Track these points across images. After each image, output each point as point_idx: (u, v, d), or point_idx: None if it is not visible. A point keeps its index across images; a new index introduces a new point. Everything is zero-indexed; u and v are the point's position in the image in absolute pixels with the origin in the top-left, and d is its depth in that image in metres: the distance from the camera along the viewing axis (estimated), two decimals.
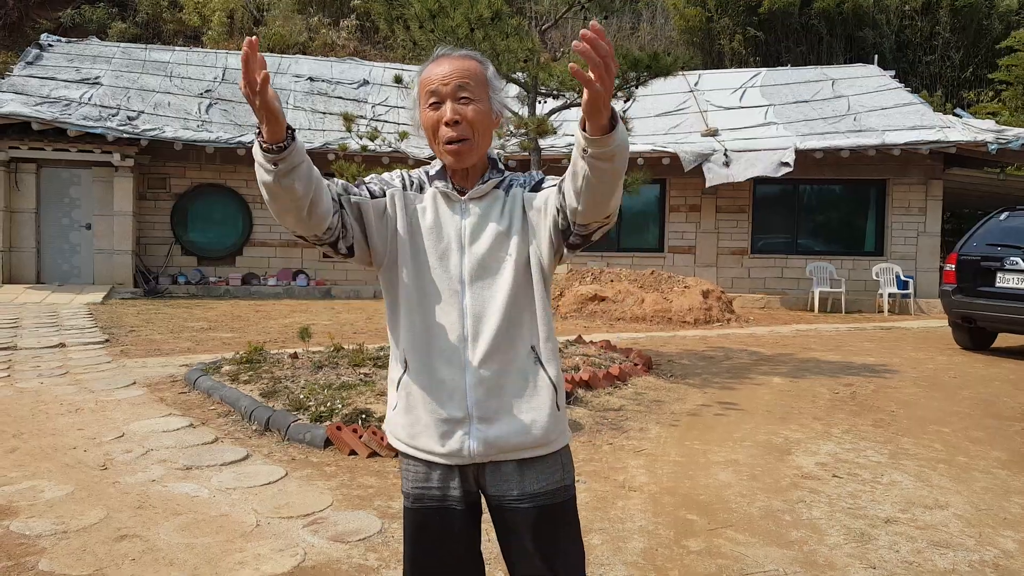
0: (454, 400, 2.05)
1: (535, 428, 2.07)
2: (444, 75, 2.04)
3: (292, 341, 9.64)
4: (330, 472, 4.88)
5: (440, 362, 2.06)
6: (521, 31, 8.05)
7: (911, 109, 18.04)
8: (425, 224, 2.10)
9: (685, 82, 20.22)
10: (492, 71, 2.13)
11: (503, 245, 2.08)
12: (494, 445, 2.05)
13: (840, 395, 7.67)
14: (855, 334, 12.89)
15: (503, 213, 2.10)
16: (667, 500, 4.51)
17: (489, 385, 2.05)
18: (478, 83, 2.06)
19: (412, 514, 2.14)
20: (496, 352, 2.06)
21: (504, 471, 2.08)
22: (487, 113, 2.07)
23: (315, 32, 29.17)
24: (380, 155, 14.83)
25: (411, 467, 2.14)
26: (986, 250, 10.65)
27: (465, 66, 2.06)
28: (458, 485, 2.09)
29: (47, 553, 3.59)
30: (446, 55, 2.09)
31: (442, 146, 2.06)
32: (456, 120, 2.02)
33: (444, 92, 2.04)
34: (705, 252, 17.93)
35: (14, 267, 16.00)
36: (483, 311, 2.07)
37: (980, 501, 4.62)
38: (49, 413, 6.24)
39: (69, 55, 19.30)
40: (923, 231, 17.36)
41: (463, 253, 2.08)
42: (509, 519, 2.09)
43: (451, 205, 2.11)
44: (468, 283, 2.07)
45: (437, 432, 2.06)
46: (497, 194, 2.13)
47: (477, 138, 2.05)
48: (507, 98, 2.17)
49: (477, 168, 2.13)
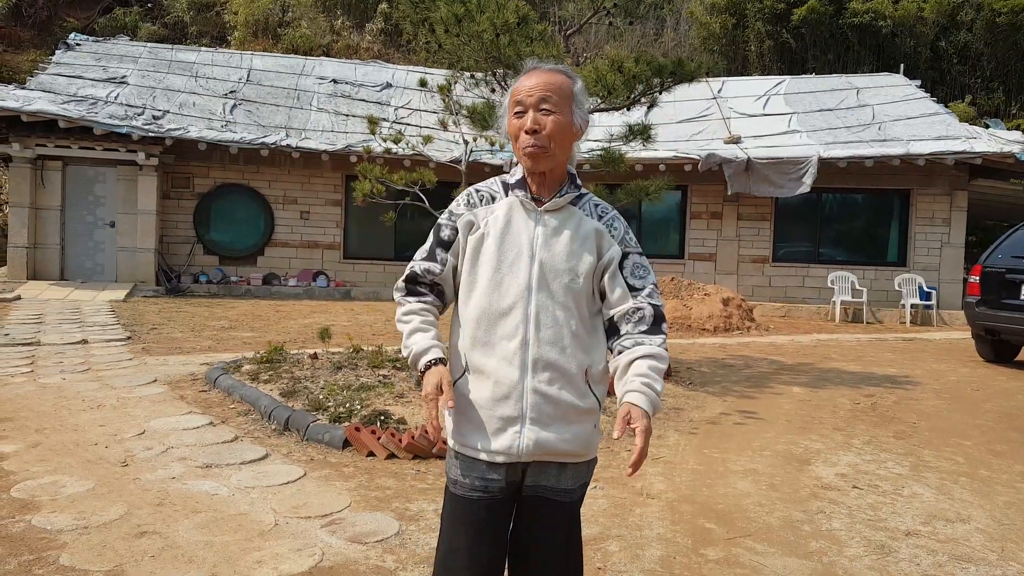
0: (511, 400, 2.15)
1: (580, 440, 2.21)
2: (530, 87, 2.17)
3: (312, 341, 9.68)
4: (348, 473, 4.90)
5: (501, 363, 2.16)
6: (546, 36, 8.05)
7: (936, 119, 17.88)
8: (496, 230, 2.20)
9: (708, 89, 20.15)
10: (580, 86, 2.24)
11: (572, 259, 2.19)
12: (543, 447, 2.16)
13: (861, 406, 7.61)
14: (876, 344, 12.79)
15: (577, 231, 2.22)
16: (685, 508, 4.49)
17: (545, 391, 2.15)
18: (562, 97, 2.17)
19: (454, 500, 2.25)
20: (555, 360, 2.16)
21: (547, 468, 2.22)
22: (567, 125, 2.18)
23: (339, 34, 29.29)
24: (402, 158, 14.86)
25: (459, 460, 2.25)
26: (1011, 262, 10.53)
27: (551, 80, 2.18)
28: (503, 477, 2.20)
29: (68, 548, 3.61)
30: (537, 68, 2.22)
31: (521, 150, 2.18)
32: (535, 129, 2.15)
33: (528, 103, 2.16)
34: (726, 260, 17.85)
35: (39, 263, 16.15)
36: (546, 319, 2.16)
37: (1003, 515, 4.57)
38: (71, 409, 6.29)
39: (96, 54, 19.47)
40: (947, 242, 17.20)
41: (533, 260, 2.18)
42: (543, 508, 2.24)
43: (527, 213, 2.22)
44: (535, 290, 2.17)
45: (491, 429, 2.17)
46: (572, 210, 2.25)
47: (554, 147, 2.17)
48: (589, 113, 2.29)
49: (554, 178, 2.24)
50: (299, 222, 18.00)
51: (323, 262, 18.04)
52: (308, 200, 18.00)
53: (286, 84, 19.81)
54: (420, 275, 2.28)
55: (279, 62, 21.16)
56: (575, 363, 2.17)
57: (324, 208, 18.06)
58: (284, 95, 19.35)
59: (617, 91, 8.03)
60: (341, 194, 17.93)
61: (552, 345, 2.15)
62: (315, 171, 17.80)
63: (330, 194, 18.05)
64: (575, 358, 2.18)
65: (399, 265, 16.78)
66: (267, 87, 19.53)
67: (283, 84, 19.79)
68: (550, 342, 2.15)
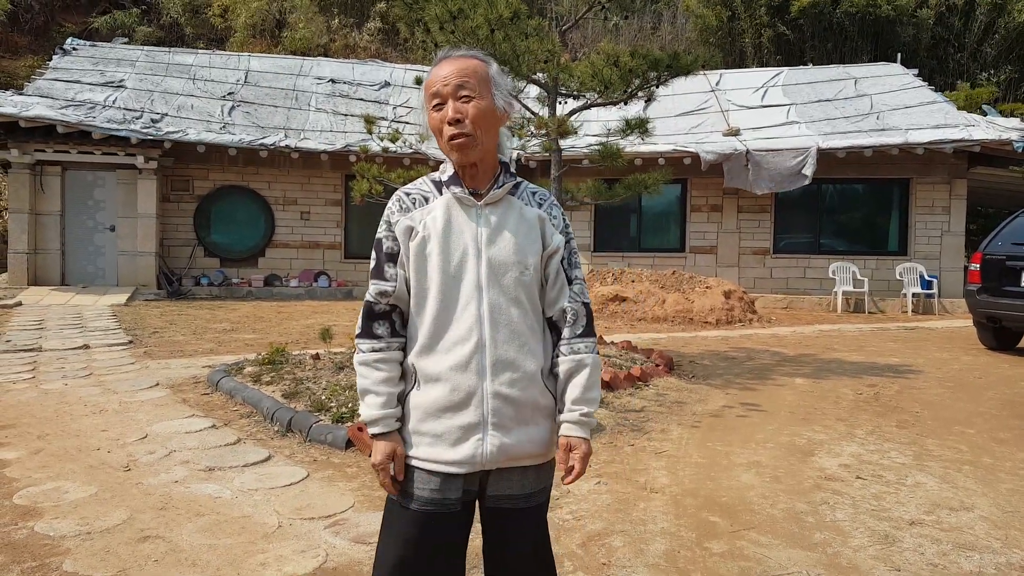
0: (470, 407, 2.07)
1: (543, 439, 2.17)
2: (444, 76, 2.09)
3: (314, 342, 9.68)
4: (351, 473, 4.90)
5: (457, 369, 2.07)
6: (541, 32, 8.03)
7: (935, 107, 17.85)
8: (437, 231, 2.11)
9: (706, 81, 20.13)
10: (495, 68, 2.16)
11: (519, 251, 2.12)
12: (507, 452, 2.09)
13: (864, 396, 7.61)
14: (878, 334, 12.78)
15: (520, 221, 2.15)
16: (689, 502, 4.49)
17: (506, 394, 2.08)
18: (479, 81, 2.10)
19: (406, 515, 2.13)
20: (514, 359, 2.09)
21: (509, 474, 2.16)
22: (490, 110, 2.10)
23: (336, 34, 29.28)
24: (401, 156, 14.86)
25: (416, 473, 2.15)
26: (1012, 249, 10.52)
27: (464, 65, 2.10)
28: (459, 488, 2.12)
29: (71, 554, 3.62)
30: (446, 57, 2.14)
31: (446, 143, 2.10)
32: (457, 118, 2.07)
33: (445, 93, 2.08)
34: (727, 252, 17.84)
35: (39, 269, 16.17)
36: (499, 317, 2.09)
37: (1006, 503, 4.57)
38: (73, 414, 6.29)
39: (94, 58, 19.47)
40: (947, 230, 17.18)
41: (480, 257, 2.10)
42: (508, 516, 2.17)
43: (467, 211, 2.13)
44: (486, 287, 2.09)
45: (451, 439, 2.09)
46: (511, 200, 2.18)
47: (480, 134, 2.09)
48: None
49: (487, 168, 2.16)
50: (299, 223, 18.01)
51: (324, 262, 18.06)
52: (308, 200, 18.01)
53: (284, 85, 19.81)
54: (375, 303, 2.15)
55: (277, 63, 21.16)
56: (533, 360, 2.12)
57: (324, 208, 18.07)
58: (282, 96, 19.36)
59: (614, 86, 8.02)
60: (341, 194, 17.94)
61: (509, 344, 2.08)
62: (314, 171, 17.81)
63: (330, 194, 18.06)
64: (533, 355, 2.12)
65: None
66: (265, 88, 19.53)
67: (281, 85, 19.79)
68: (507, 340, 2.08)
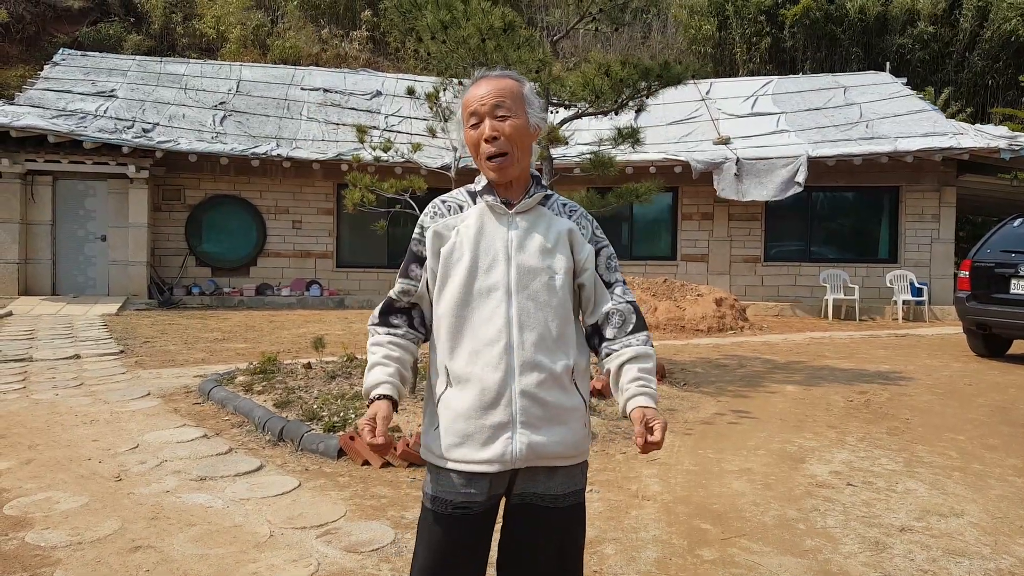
0: (499, 406, 2.13)
1: (572, 440, 2.21)
2: (482, 96, 2.19)
3: (306, 351, 9.67)
4: (343, 482, 4.90)
5: (486, 369, 2.14)
6: (533, 42, 8.07)
7: (923, 116, 17.96)
8: (469, 237, 2.21)
9: (696, 91, 20.21)
10: (529, 87, 2.27)
11: (547, 257, 2.21)
12: (536, 450, 2.15)
13: (854, 403, 7.63)
14: (869, 341, 12.82)
15: (549, 230, 2.24)
16: (681, 509, 4.50)
17: (534, 393, 2.15)
18: (515, 100, 2.20)
19: (436, 518, 2.21)
20: (541, 361, 2.16)
21: (536, 474, 2.21)
22: (524, 127, 2.21)
23: (328, 44, 29.29)
24: (393, 165, 14.87)
25: (442, 474, 2.21)
26: (1000, 256, 10.58)
27: (501, 85, 2.21)
28: (485, 489, 2.18)
29: (62, 564, 3.61)
30: (484, 76, 2.24)
31: (484, 162, 2.21)
32: (495, 136, 2.17)
33: (483, 111, 2.19)
34: (718, 260, 17.89)
35: (30, 278, 16.12)
36: (528, 320, 2.17)
37: (996, 509, 4.59)
38: (64, 424, 6.28)
39: (85, 68, 19.45)
40: (937, 238, 17.27)
41: (510, 263, 2.19)
42: (534, 516, 2.22)
43: (498, 218, 2.23)
44: (515, 292, 2.17)
45: (481, 439, 2.14)
46: (542, 210, 2.28)
47: (516, 152, 2.20)
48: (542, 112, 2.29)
49: (520, 182, 2.27)
50: (291, 232, 17.99)
51: (316, 271, 18.04)
52: (300, 209, 18.00)
53: (276, 94, 19.82)
54: (396, 300, 2.30)
55: (268, 72, 21.18)
56: (560, 363, 2.18)
57: (316, 217, 18.06)
58: (274, 105, 19.36)
59: (605, 95, 8.06)
60: (333, 203, 17.93)
61: (537, 346, 2.15)
62: (306, 180, 17.81)
63: (322, 203, 18.05)
64: (560, 358, 2.18)
65: (392, 272, 16.73)
66: (257, 98, 19.54)
67: (273, 94, 19.80)
68: (534, 343, 2.15)
